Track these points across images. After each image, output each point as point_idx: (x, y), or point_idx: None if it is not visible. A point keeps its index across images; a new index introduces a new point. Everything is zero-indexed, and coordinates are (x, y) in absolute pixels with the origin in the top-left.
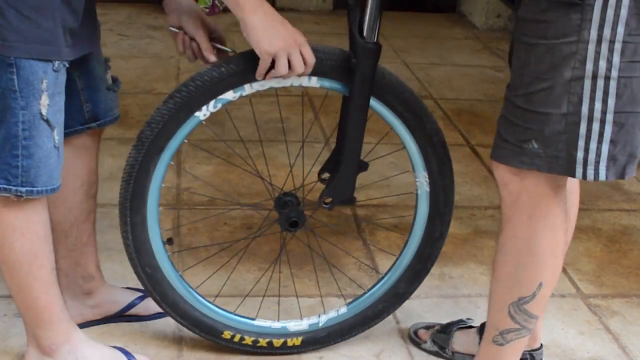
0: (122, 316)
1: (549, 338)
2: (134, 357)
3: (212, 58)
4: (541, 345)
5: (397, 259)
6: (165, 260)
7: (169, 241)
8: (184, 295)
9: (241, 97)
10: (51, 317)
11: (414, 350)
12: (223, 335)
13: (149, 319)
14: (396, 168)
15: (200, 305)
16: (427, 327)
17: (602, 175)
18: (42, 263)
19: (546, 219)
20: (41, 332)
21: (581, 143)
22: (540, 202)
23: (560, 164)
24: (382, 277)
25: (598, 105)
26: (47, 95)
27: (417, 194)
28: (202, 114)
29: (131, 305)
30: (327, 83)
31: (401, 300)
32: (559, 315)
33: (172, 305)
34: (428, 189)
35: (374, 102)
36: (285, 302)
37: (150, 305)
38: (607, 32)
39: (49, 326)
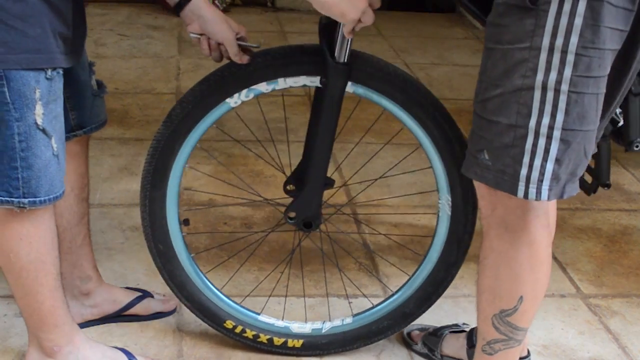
0: (121, 316)
1: (548, 338)
2: (135, 357)
3: (245, 59)
4: (528, 352)
5: (409, 279)
6: (179, 239)
7: (185, 222)
8: (193, 278)
9: (274, 90)
10: (55, 320)
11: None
12: (225, 325)
13: (148, 319)
14: (397, 169)
15: (208, 291)
16: (422, 329)
17: (544, 195)
18: (48, 269)
19: (523, 232)
20: (44, 334)
21: (526, 159)
22: (515, 215)
23: (506, 179)
24: (392, 295)
25: (546, 120)
26: (41, 104)
27: (438, 216)
28: (234, 101)
29: (130, 305)
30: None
31: (408, 320)
32: (559, 315)
33: (180, 286)
34: (449, 213)
35: (404, 115)
36: (285, 301)
37: (149, 305)
38: (559, 41)
39: (53, 329)
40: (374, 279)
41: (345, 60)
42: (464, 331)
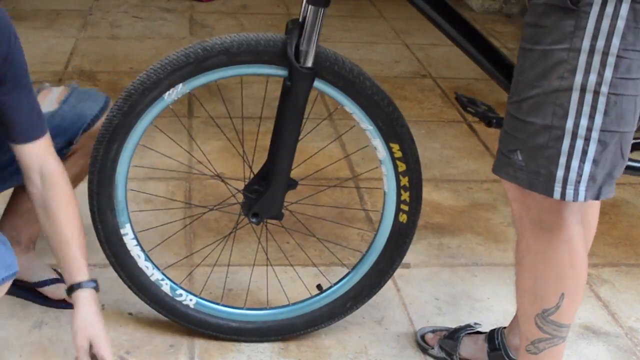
0: (32, 292)
1: None
2: None
3: None
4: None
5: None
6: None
7: (319, 287)
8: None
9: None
10: None
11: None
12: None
13: (53, 305)
14: None
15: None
16: (434, 331)
17: (582, 196)
18: None
19: (559, 231)
20: None
21: (562, 160)
22: (551, 214)
23: (541, 180)
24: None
25: (584, 122)
26: None
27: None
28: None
29: (43, 284)
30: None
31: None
32: None
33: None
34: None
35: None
36: (290, 270)
37: (57, 290)
38: (600, 43)
39: None
40: None
41: (311, 65)
42: (479, 332)
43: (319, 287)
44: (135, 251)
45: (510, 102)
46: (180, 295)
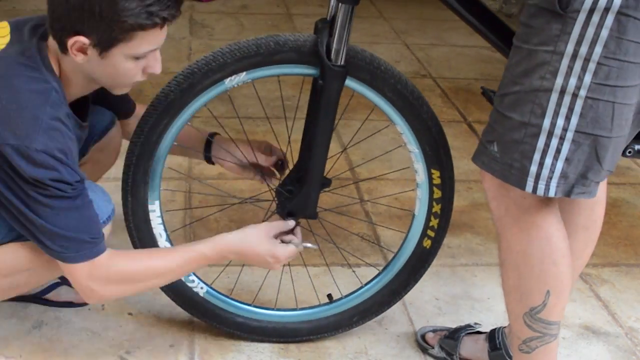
0: (37, 298)
1: None
2: None
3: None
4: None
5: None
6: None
7: (329, 297)
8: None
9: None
10: None
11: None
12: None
13: (58, 306)
14: (397, 143)
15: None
16: (435, 331)
17: (552, 192)
18: None
19: (538, 229)
20: None
21: (537, 156)
22: (529, 213)
23: (513, 173)
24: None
25: (560, 122)
26: None
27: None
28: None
29: (45, 291)
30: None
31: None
32: None
33: None
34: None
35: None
36: (290, 270)
37: (61, 293)
38: (584, 49)
39: None
40: (375, 249)
41: (342, 62)
42: (479, 332)
43: (329, 296)
44: (158, 229)
45: (496, 95)
46: (193, 281)
